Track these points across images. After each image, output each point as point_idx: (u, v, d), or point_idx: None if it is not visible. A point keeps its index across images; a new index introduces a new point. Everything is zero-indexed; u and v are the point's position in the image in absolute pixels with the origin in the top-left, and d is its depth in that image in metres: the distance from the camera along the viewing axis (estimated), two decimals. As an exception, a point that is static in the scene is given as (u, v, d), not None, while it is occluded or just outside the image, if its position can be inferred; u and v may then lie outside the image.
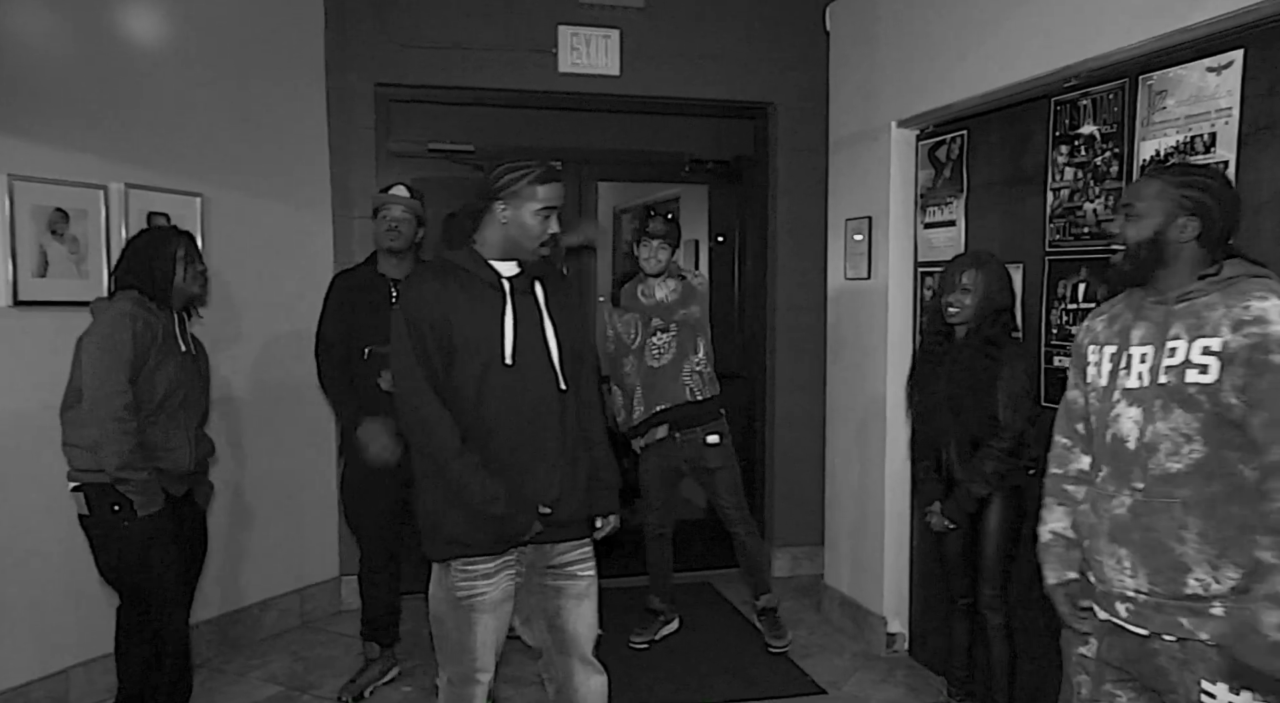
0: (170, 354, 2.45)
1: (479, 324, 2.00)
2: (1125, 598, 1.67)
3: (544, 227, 2.03)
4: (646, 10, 4.08)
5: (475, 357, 1.99)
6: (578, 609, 2.14)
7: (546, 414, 2.05)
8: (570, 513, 2.11)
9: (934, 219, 3.31)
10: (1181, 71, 2.31)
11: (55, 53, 2.86)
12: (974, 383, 2.60)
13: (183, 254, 2.50)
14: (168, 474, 2.48)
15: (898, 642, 3.48)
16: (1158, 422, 1.61)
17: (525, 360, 2.02)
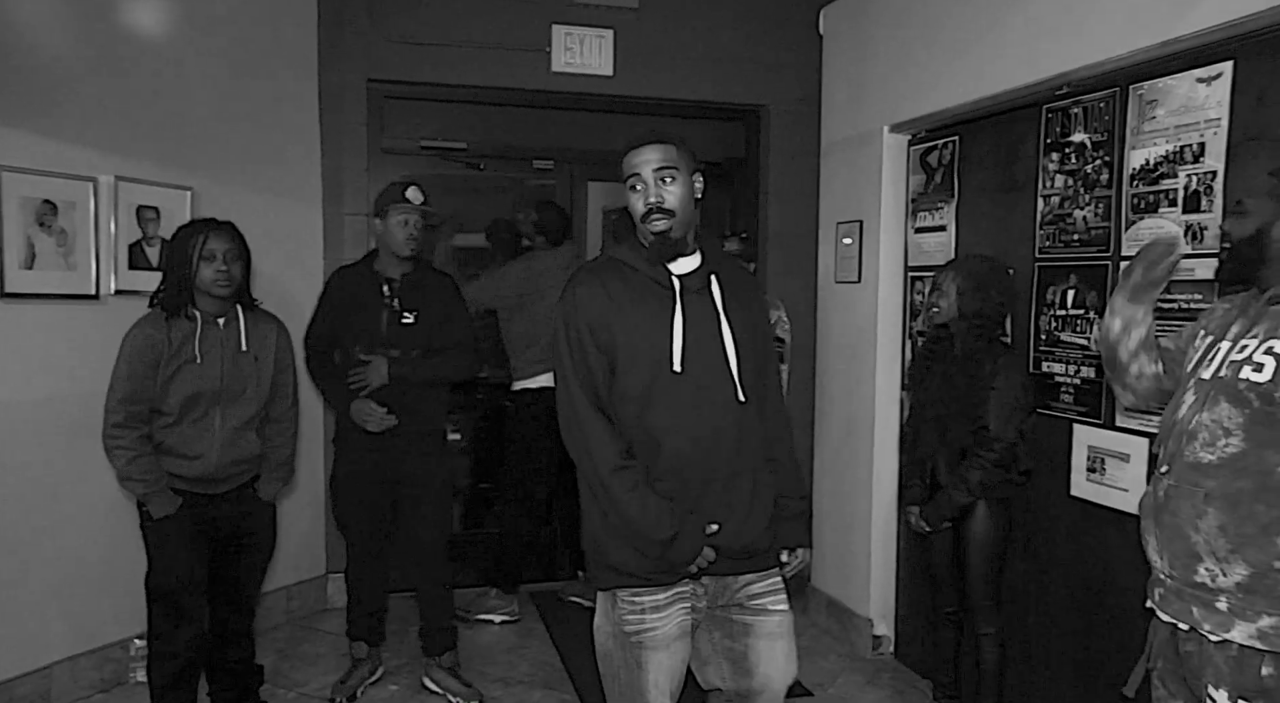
0: (185, 365, 2.43)
1: (645, 327, 1.79)
2: (1159, 582, 1.69)
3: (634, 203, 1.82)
4: (640, 11, 4.08)
5: (641, 363, 1.78)
6: (770, 650, 1.88)
7: (722, 429, 1.81)
8: (750, 541, 1.85)
9: (925, 224, 3.33)
10: (1171, 82, 2.33)
11: (47, 44, 2.83)
12: (960, 395, 2.62)
13: (198, 253, 2.43)
14: (189, 479, 2.48)
15: (883, 644, 3.50)
16: (1203, 412, 1.61)
17: (697, 368, 1.79)
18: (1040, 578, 2.78)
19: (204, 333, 2.48)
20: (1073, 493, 2.65)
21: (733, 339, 1.83)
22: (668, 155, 1.79)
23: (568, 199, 4.38)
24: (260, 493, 2.67)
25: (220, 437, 2.51)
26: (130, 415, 2.40)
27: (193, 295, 2.47)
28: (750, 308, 1.91)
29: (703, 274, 1.85)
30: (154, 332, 2.42)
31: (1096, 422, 2.57)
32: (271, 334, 2.66)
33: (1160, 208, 2.37)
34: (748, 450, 1.85)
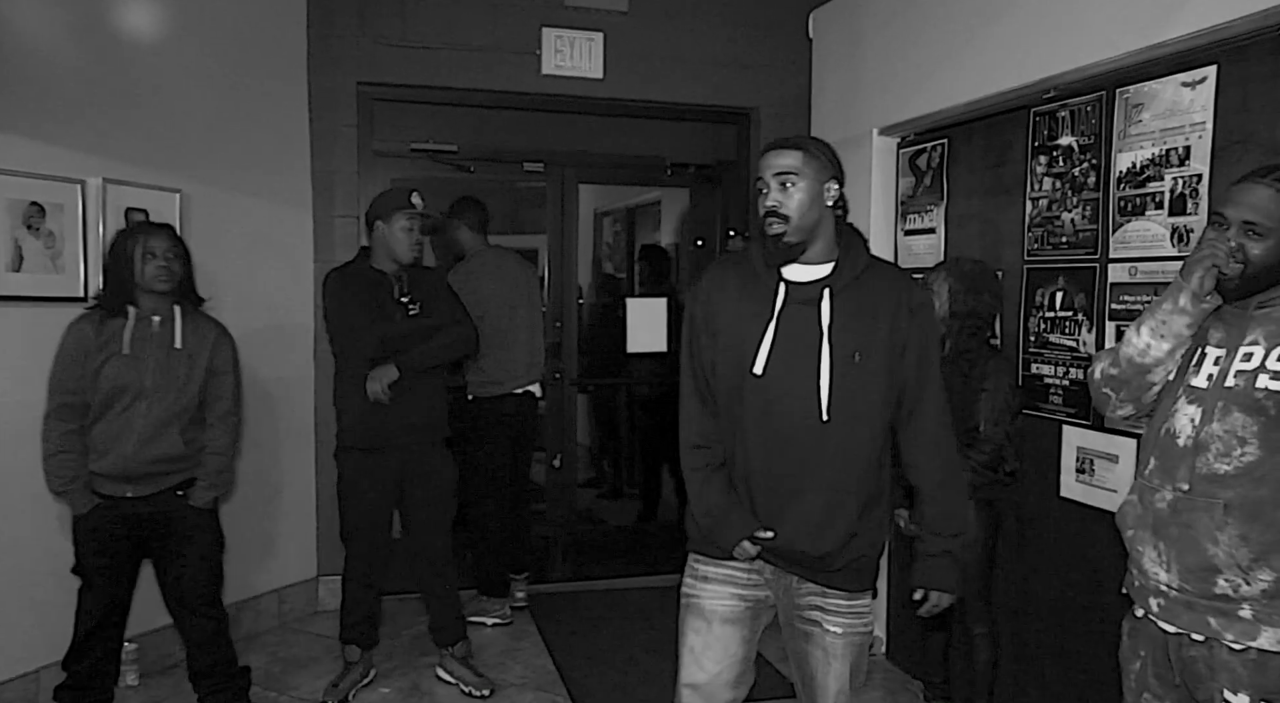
0: (113, 356, 2.47)
1: (742, 325, 1.81)
2: (1158, 592, 1.67)
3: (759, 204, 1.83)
4: (630, 14, 4.09)
5: (731, 360, 1.82)
6: (826, 665, 1.87)
7: (794, 442, 1.78)
8: (816, 552, 1.81)
9: (914, 226, 3.35)
10: (1157, 86, 2.36)
11: (35, 46, 2.82)
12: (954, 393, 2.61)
13: (141, 251, 2.51)
14: (107, 478, 2.50)
15: (875, 645, 3.51)
16: (1214, 423, 1.59)
17: (781, 377, 1.77)
18: (1031, 578, 2.80)
19: (136, 328, 2.52)
20: (1062, 494, 2.67)
21: (830, 356, 1.76)
22: (792, 161, 1.79)
23: (559, 201, 4.38)
24: (191, 499, 2.62)
25: (141, 432, 2.50)
26: (60, 406, 2.48)
27: (133, 294, 2.52)
28: (882, 328, 1.78)
29: (819, 286, 1.79)
30: (85, 326, 2.51)
31: (1085, 423, 2.59)
32: (211, 336, 2.65)
33: (1147, 210, 2.39)
34: (825, 470, 1.79)
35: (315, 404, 3.86)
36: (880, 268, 1.85)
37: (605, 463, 5.66)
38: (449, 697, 3.13)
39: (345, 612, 3.13)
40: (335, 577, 3.87)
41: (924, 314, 1.82)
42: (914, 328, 1.79)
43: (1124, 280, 2.46)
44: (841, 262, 1.81)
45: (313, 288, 3.84)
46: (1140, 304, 2.41)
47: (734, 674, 1.92)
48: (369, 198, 3.94)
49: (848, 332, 1.77)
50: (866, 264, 1.82)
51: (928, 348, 1.82)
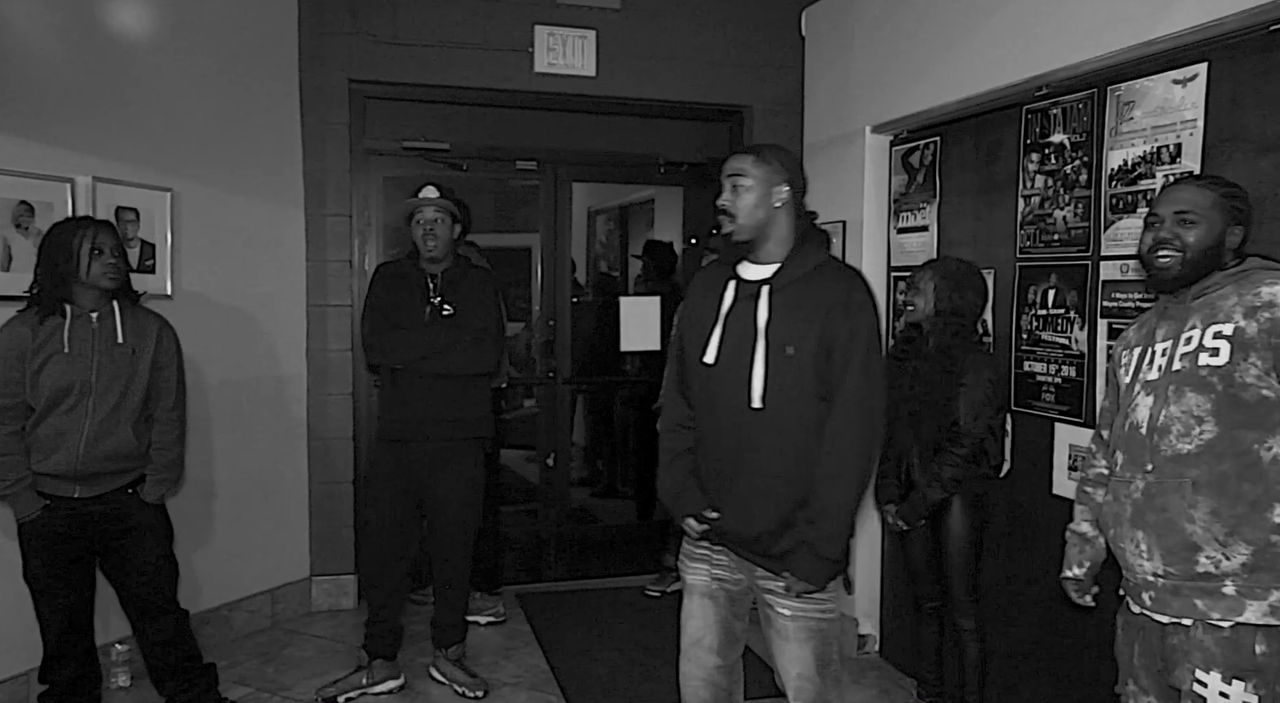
0: (54, 356, 2.44)
1: (702, 318, 2.00)
2: (1147, 584, 1.70)
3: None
4: (623, 12, 4.08)
5: (691, 350, 2.02)
6: (782, 646, 1.99)
7: (730, 428, 1.94)
8: (752, 536, 1.94)
9: (907, 224, 3.35)
10: (1148, 83, 2.36)
11: (23, 44, 2.80)
12: (932, 397, 2.65)
13: (88, 247, 2.46)
14: (54, 478, 2.47)
15: (869, 643, 3.52)
16: (1170, 405, 1.67)
17: (727, 366, 1.92)
18: (1022, 575, 2.80)
19: (74, 326, 2.47)
20: (1054, 491, 2.67)
21: (764, 349, 1.88)
22: (743, 165, 1.95)
23: (551, 199, 4.38)
24: (144, 495, 2.61)
25: (90, 428, 2.47)
26: (1, 410, 2.43)
27: (71, 291, 2.47)
28: (816, 324, 1.86)
29: (761, 284, 1.93)
30: (21, 327, 2.46)
31: (1078, 421, 2.59)
32: (153, 330, 2.62)
33: (1138, 208, 2.39)
34: (755, 455, 1.92)
35: (308, 403, 3.85)
36: (832, 269, 1.96)
37: (599, 462, 5.65)
38: (443, 697, 3.12)
39: (369, 621, 3.10)
40: (329, 577, 3.89)
41: (859, 313, 1.88)
42: (846, 325, 1.86)
43: (1116, 278, 2.47)
44: (787, 262, 1.94)
45: (304, 287, 3.82)
46: (1131, 302, 2.41)
47: (715, 642, 2.10)
48: (360, 196, 3.96)
49: (783, 327, 1.89)
50: (818, 264, 1.93)
51: (854, 346, 1.86)
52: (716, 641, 2.09)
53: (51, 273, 2.46)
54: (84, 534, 2.54)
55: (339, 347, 3.83)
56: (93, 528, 2.54)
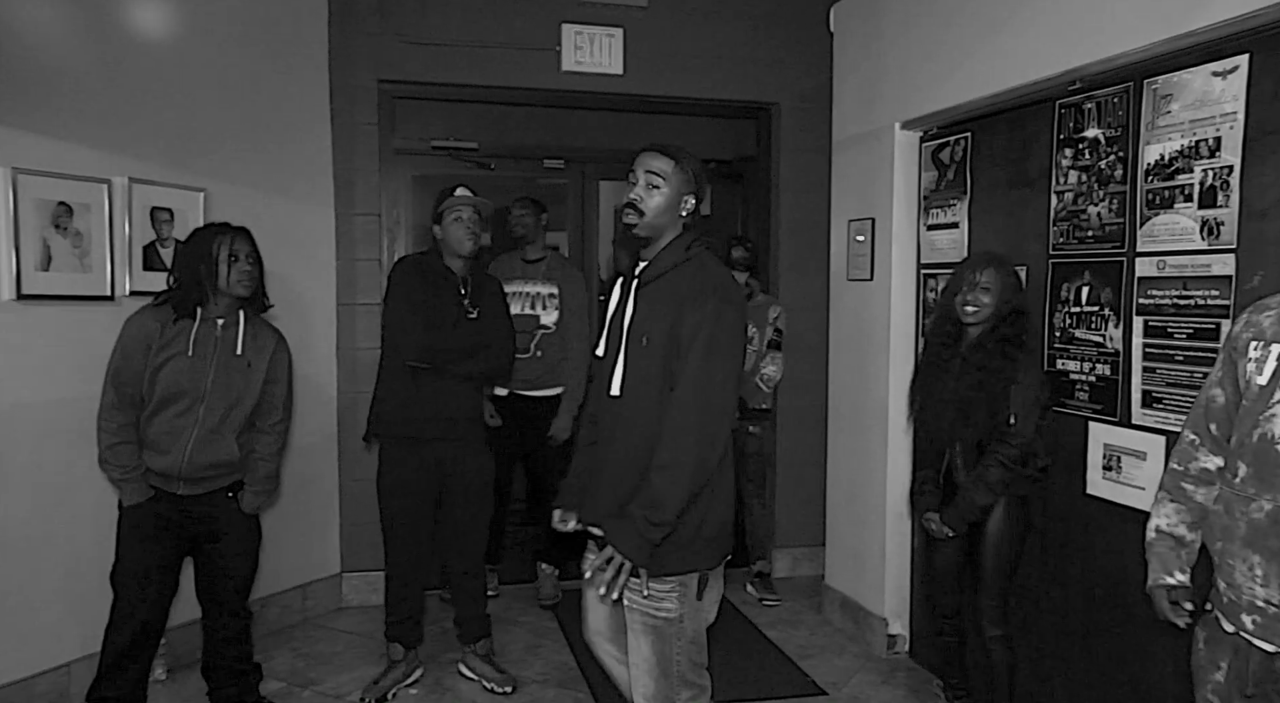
0: (176, 356, 2.48)
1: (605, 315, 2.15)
2: (1254, 608, 1.57)
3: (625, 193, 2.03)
4: (650, 10, 4.08)
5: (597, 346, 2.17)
6: (629, 637, 2.05)
7: (605, 419, 2.06)
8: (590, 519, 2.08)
9: (937, 221, 3.31)
10: (1186, 75, 2.31)
11: (60, 48, 2.85)
12: (987, 383, 2.56)
13: (225, 254, 2.51)
14: (159, 475, 2.52)
15: (898, 643, 3.49)
16: None
17: (607, 357, 2.06)
18: (1054, 577, 2.77)
19: (200, 331, 2.52)
20: (1088, 491, 2.63)
21: (625, 338, 2.00)
22: (664, 166, 2.00)
23: (579, 198, 4.38)
24: (242, 505, 2.67)
25: (196, 435, 2.51)
26: (120, 396, 2.47)
27: (204, 296, 2.52)
28: (669, 318, 1.92)
29: (634, 278, 2.04)
30: (152, 319, 2.50)
31: (1112, 419, 2.55)
32: (270, 345, 2.67)
33: (1176, 203, 2.35)
34: (614, 443, 2.01)
35: (339, 401, 3.89)
36: (694, 265, 1.99)
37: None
38: (472, 693, 3.14)
39: (389, 609, 3.13)
40: (359, 573, 3.93)
41: (707, 308, 1.91)
42: (692, 319, 1.91)
43: (1152, 274, 2.42)
44: (654, 259, 2.02)
45: (334, 286, 3.86)
46: (1169, 299, 2.37)
47: (610, 630, 2.18)
48: (389, 196, 3.99)
49: (643, 320, 1.98)
50: (680, 262, 1.99)
51: (697, 339, 1.90)
52: (609, 629, 2.18)
53: (192, 277, 2.51)
54: (182, 528, 2.58)
55: (368, 345, 3.86)
56: (191, 524, 2.59)
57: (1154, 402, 2.42)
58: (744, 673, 3.31)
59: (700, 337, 1.89)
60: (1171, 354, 2.36)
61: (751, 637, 3.65)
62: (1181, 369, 2.33)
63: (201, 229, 2.63)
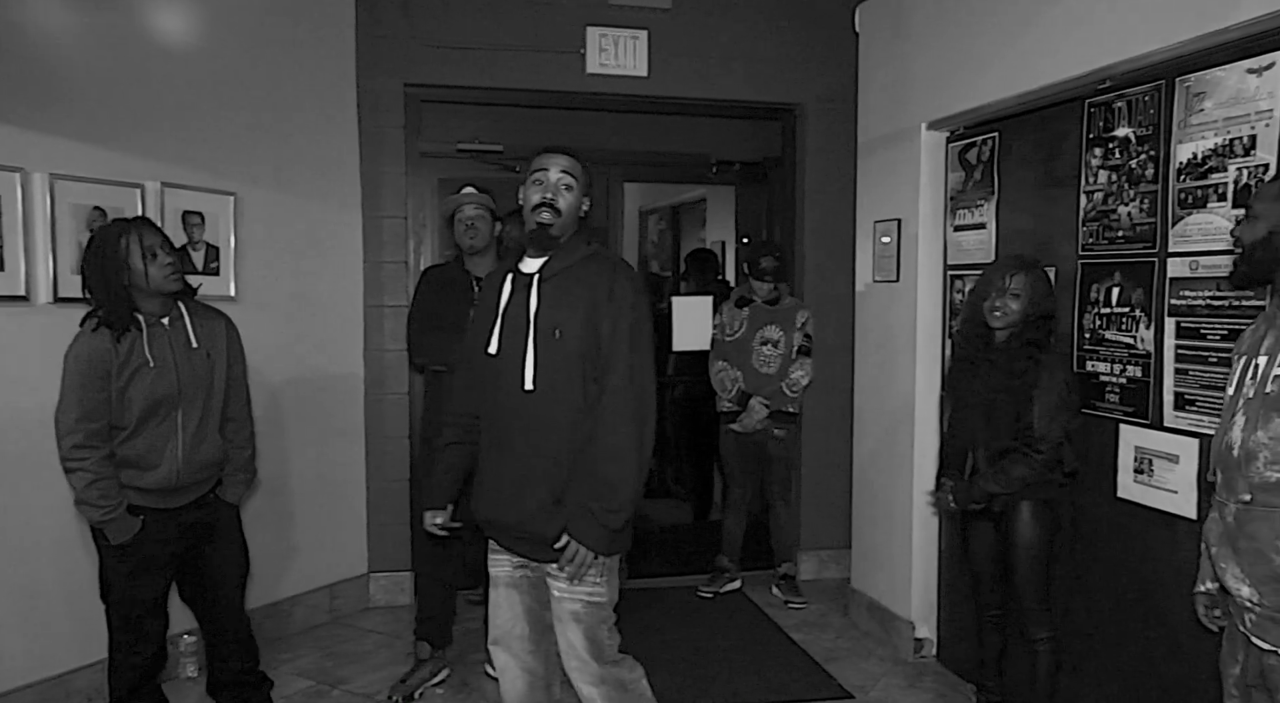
0: (140, 370, 2.32)
1: (484, 312, 2.12)
2: (1247, 608, 1.65)
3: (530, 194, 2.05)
4: (674, 11, 4.08)
5: (475, 344, 2.11)
6: (559, 629, 2.10)
7: (509, 412, 2.02)
8: (538, 523, 2.01)
9: (964, 222, 3.29)
10: (1220, 73, 2.28)
11: (94, 56, 2.90)
12: (1012, 386, 2.54)
13: (139, 249, 2.29)
14: (149, 492, 2.38)
15: (926, 647, 3.46)
16: (1258, 430, 1.61)
17: (506, 355, 2.02)
18: (1085, 581, 2.73)
19: (151, 335, 2.35)
20: (1119, 495, 2.60)
21: (534, 334, 1.99)
22: (572, 167, 2.07)
23: (603, 200, 4.39)
24: (225, 496, 2.58)
25: (184, 441, 2.40)
26: (90, 434, 2.27)
27: (134, 301, 2.33)
28: (583, 309, 1.98)
29: (533, 275, 2.04)
30: (100, 343, 2.28)
31: (1144, 422, 2.52)
32: (220, 329, 2.53)
33: (1209, 203, 2.31)
34: (528, 436, 2.00)
35: (365, 402, 3.92)
36: (599, 260, 2.06)
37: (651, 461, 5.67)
38: (498, 693, 3.14)
39: (419, 609, 3.15)
40: (386, 573, 3.96)
41: (623, 297, 1.99)
42: (611, 309, 1.98)
43: (1184, 275, 2.39)
44: (553, 255, 2.04)
45: (361, 287, 3.90)
46: (1201, 299, 2.33)
47: (525, 630, 2.15)
48: (416, 198, 4.03)
49: (551, 312, 1.99)
50: (585, 256, 2.05)
51: (619, 329, 1.98)
52: (526, 628, 2.16)
53: (108, 287, 2.29)
54: (175, 547, 2.46)
55: (395, 347, 3.89)
56: (185, 536, 2.48)
57: (1186, 404, 2.38)
58: (769, 676, 3.30)
59: (623, 326, 1.97)
60: (1205, 356, 2.32)
61: (777, 640, 3.64)
62: (1215, 371, 2.29)
63: (103, 231, 2.39)
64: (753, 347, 4.04)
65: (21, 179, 2.70)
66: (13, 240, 2.69)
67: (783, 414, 4.04)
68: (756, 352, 4.03)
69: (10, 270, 2.70)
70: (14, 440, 2.72)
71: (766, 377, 4.01)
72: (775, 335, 4.02)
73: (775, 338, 4.02)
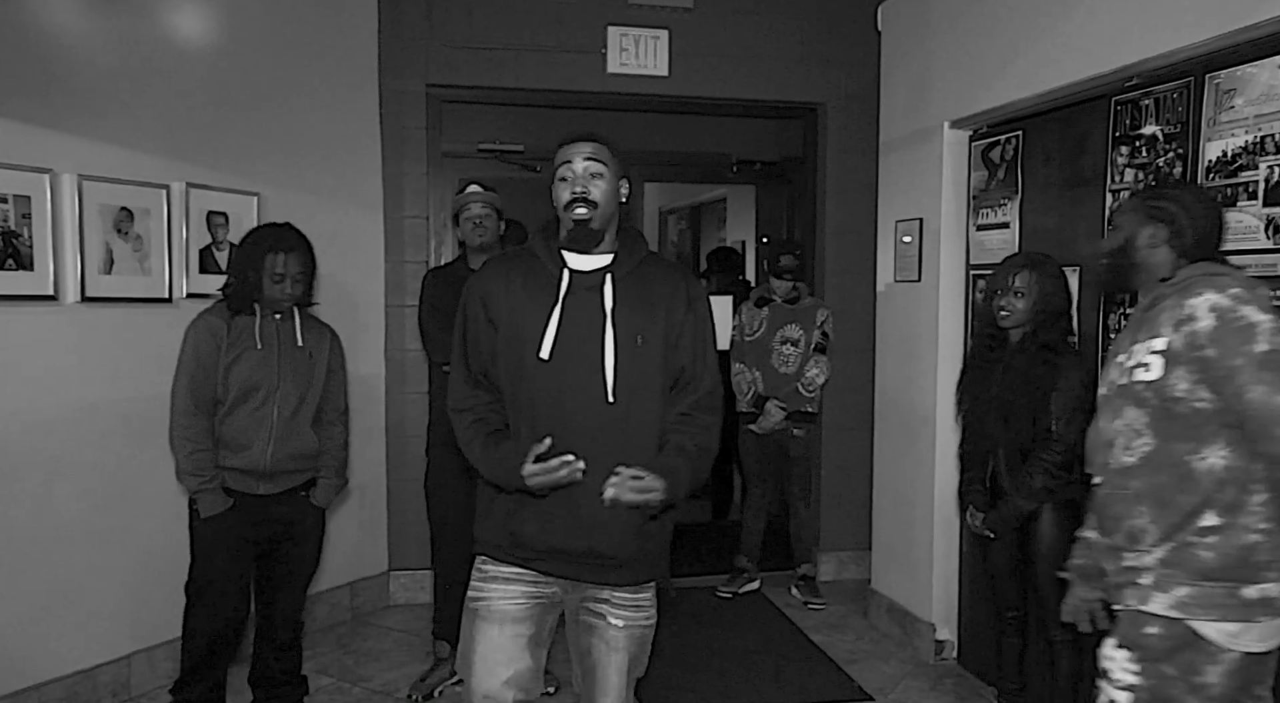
0: (246, 351, 2.51)
1: (526, 312, 1.84)
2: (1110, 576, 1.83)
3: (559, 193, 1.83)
4: (695, 10, 4.07)
5: (514, 346, 1.83)
6: (607, 656, 1.87)
7: (584, 427, 1.78)
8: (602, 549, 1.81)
9: (987, 221, 3.26)
10: (1251, 69, 2.24)
11: (120, 59, 2.94)
12: (1028, 389, 2.53)
13: (273, 270, 2.53)
14: (242, 473, 2.53)
15: (946, 649, 3.44)
16: (1115, 420, 1.79)
17: (568, 361, 1.79)
18: (1111, 584, 2.70)
19: (263, 325, 2.56)
20: (1145, 497, 2.57)
21: (614, 340, 1.79)
22: (600, 153, 1.85)
23: (623, 200, 4.39)
24: (315, 498, 2.70)
25: (276, 427, 2.55)
26: (197, 402, 2.48)
27: (257, 297, 2.56)
28: (660, 315, 1.83)
29: (602, 273, 1.84)
30: (216, 319, 2.52)
31: (1170, 423, 2.48)
32: (325, 337, 2.73)
33: (1239, 201, 2.28)
34: (614, 452, 1.74)
35: (387, 402, 3.94)
36: (657, 261, 1.94)
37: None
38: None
39: (437, 607, 3.17)
40: (406, 572, 3.98)
41: (699, 304, 1.90)
42: (690, 317, 1.88)
43: (1213, 275, 2.35)
44: (620, 252, 1.88)
45: (383, 287, 3.92)
46: (1231, 300, 2.29)
47: (523, 678, 1.86)
48: (438, 198, 4.04)
49: (630, 316, 1.82)
50: (644, 256, 1.91)
51: (700, 338, 1.89)
52: (522, 677, 1.86)
53: (239, 278, 2.55)
54: (261, 536, 2.60)
55: (416, 347, 3.91)
56: (270, 526, 2.60)
57: (1215, 406, 2.35)
58: (789, 678, 3.28)
59: (704, 336, 1.89)
60: (1234, 357, 2.29)
61: (797, 641, 3.63)
62: (1244, 372, 2.25)
63: (259, 232, 2.65)
64: (773, 346, 4.03)
65: (50, 180, 2.73)
66: (41, 240, 2.72)
67: (801, 414, 4.03)
68: (777, 351, 4.02)
69: (39, 270, 2.73)
70: (43, 439, 2.75)
71: (786, 376, 4.00)
72: (795, 334, 4.01)
73: (795, 337, 4.02)
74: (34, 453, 2.74)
